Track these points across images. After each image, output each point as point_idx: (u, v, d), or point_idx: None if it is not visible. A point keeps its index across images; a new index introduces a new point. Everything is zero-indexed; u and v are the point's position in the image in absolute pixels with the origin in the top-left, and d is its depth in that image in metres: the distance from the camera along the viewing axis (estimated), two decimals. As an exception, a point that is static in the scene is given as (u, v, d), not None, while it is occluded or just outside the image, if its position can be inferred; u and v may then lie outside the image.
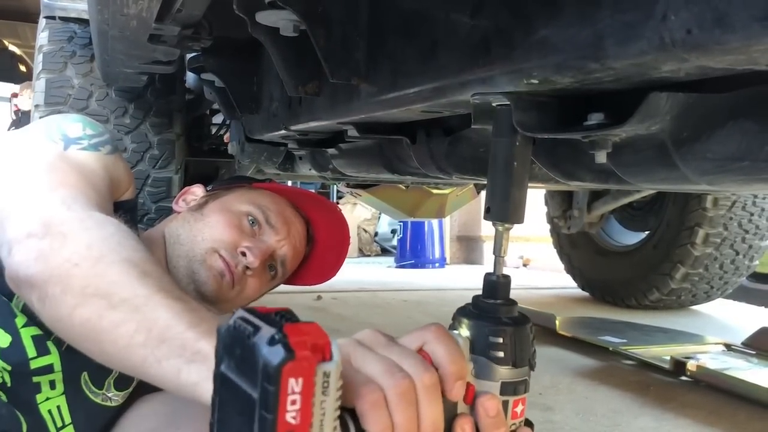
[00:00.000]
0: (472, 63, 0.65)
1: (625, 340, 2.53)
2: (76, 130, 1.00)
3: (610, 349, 2.45)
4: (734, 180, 0.60)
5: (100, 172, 0.97)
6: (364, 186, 2.79)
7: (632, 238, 3.63)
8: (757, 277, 3.71)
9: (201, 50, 1.46)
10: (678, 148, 0.60)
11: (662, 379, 2.15)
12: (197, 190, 1.24)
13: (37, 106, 1.84)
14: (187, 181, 2.17)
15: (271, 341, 0.45)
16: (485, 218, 0.63)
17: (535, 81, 0.57)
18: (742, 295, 3.71)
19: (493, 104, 0.64)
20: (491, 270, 0.63)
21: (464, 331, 0.61)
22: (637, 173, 0.68)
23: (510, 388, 0.60)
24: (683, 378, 2.12)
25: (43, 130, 0.99)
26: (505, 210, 0.61)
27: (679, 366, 2.14)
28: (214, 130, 2.54)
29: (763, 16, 0.36)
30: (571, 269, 3.92)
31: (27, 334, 0.90)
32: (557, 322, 2.73)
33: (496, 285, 0.62)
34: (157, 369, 0.62)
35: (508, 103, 0.61)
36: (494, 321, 0.60)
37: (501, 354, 0.59)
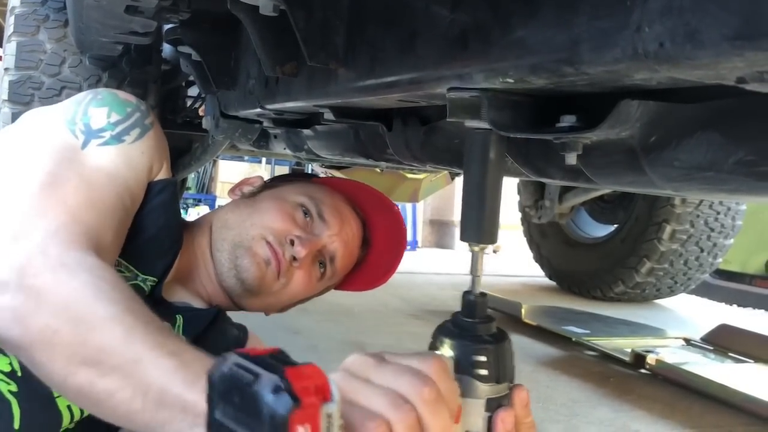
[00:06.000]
0: (450, 57, 0.65)
1: (588, 331, 2.57)
2: (100, 119, 0.94)
3: (574, 339, 2.49)
4: (699, 188, 0.61)
5: (116, 175, 0.91)
6: (339, 167, 2.78)
7: (601, 230, 3.68)
8: (719, 273, 3.79)
9: (179, 22, 1.43)
10: (646, 154, 0.61)
11: (622, 371, 2.20)
12: (255, 181, 1.20)
13: (6, 69, 1.79)
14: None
15: (275, 389, 0.45)
16: (461, 239, 0.65)
17: (511, 80, 0.57)
18: (704, 291, 3.80)
19: (468, 97, 0.65)
20: (469, 289, 0.65)
21: (446, 351, 0.62)
22: (606, 175, 0.70)
23: (494, 404, 0.61)
24: (642, 371, 2.17)
25: (68, 115, 0.94)
26: (479, 231, 0.64)
27: (639, 359, 2.19)
28: (189, 103, 2.50)
29: (732, 35, 0.37)
30: (540, 258, 3.97)
31: None
32: (523, 311, 2.77)
33: (475, 304, 0.64)
34: None
35: (484, 128, 0.63)
36: (476, 340, 0.62)
37: (485, 372, 0.61)
